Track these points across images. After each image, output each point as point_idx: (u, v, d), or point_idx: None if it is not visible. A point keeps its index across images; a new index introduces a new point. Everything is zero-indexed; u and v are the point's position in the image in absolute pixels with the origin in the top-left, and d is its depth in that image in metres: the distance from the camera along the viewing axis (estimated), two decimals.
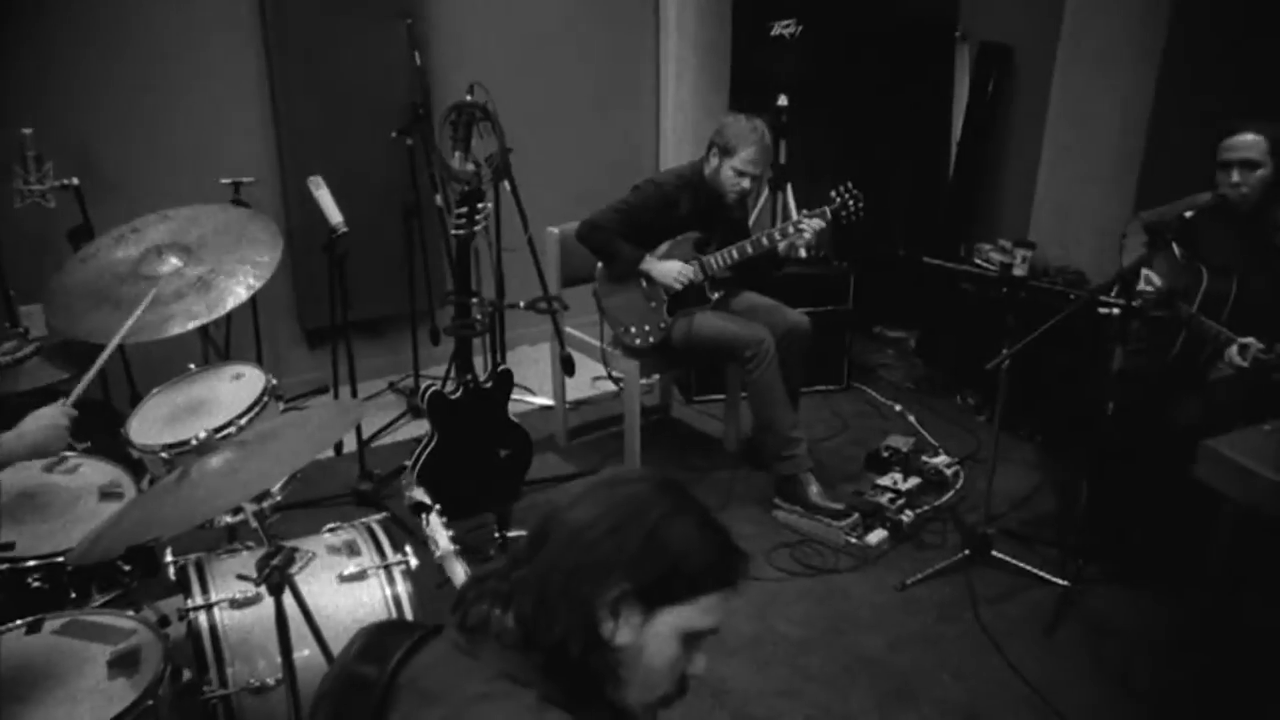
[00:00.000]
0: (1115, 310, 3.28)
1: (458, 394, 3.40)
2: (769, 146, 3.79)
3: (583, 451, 4.36)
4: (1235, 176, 3.20)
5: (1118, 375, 3.21)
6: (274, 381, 2.74)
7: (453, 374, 3.69)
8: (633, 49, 5.32)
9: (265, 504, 2.45)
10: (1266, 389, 3.11)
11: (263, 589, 1.86)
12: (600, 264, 3.97)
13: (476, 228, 3.23)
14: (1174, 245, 3.41)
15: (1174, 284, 3.39)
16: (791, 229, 3.74)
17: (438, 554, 2.21)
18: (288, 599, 1.90)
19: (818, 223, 3.72)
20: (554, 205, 4.21)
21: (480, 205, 3.24)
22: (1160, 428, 3.38)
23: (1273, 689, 2.91)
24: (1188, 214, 3.22)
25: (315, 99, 4.41)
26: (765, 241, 3.76)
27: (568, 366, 3.73)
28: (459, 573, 2.17)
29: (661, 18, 5.27)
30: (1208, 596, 3.30)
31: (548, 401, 4.62)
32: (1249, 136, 3.19)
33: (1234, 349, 3.09)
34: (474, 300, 3.39)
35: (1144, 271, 3.39)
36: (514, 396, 3.71)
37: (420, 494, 2.37)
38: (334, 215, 3.66)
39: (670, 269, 3.80)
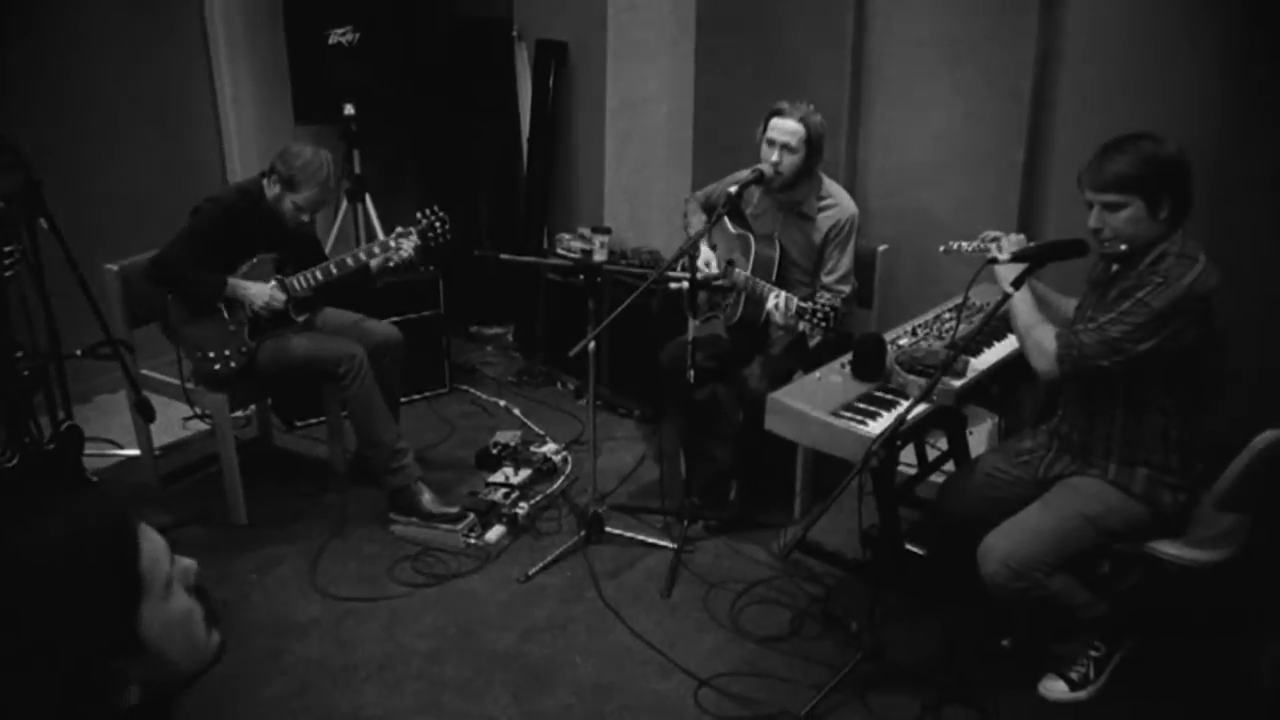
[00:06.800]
0: (684, 284, 3.51)
1: (15, 461, 3.06)
2: (332, 187, 3.69)
3: (182, 499, 4.04)
4: (775, 156, 3.51)
5: (693, 344, 3.44)
6: None
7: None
8: (181, 62, 4.94)
9: None
10: (816, 348, 3.48)
11: None
12: (170, 295, 3.69)
13: (6, 274, 2.91)
14: (725, 219, 3.71)
15: (728, 254, 3.70)
16: (378, 249, 3.68)
17: None
18: None
19: (407, 244, 3.69)
20: (113, 239, 3.85)
21: (8, 248, 2.91)
22: (737, 388, 3.69)
23: (851, 608, 3.25)
24: (732, 189, 3.51)
25: None
26: (351, 262, 3.67)
27: (145, 411, 3.45)
28: None
29: (209, 27, 4.97)
30: (796, 532, 3.65)
31: (135, 452, 4.25)
32: (792, 124, 3.50)
33: (770, 303, 3.37)
34: (19, 354, 3.05)
35: (702, 245, 3.66)
36: (95, 451, 3.37)
37: None
38: None
39: (260, 293, 3.61)
